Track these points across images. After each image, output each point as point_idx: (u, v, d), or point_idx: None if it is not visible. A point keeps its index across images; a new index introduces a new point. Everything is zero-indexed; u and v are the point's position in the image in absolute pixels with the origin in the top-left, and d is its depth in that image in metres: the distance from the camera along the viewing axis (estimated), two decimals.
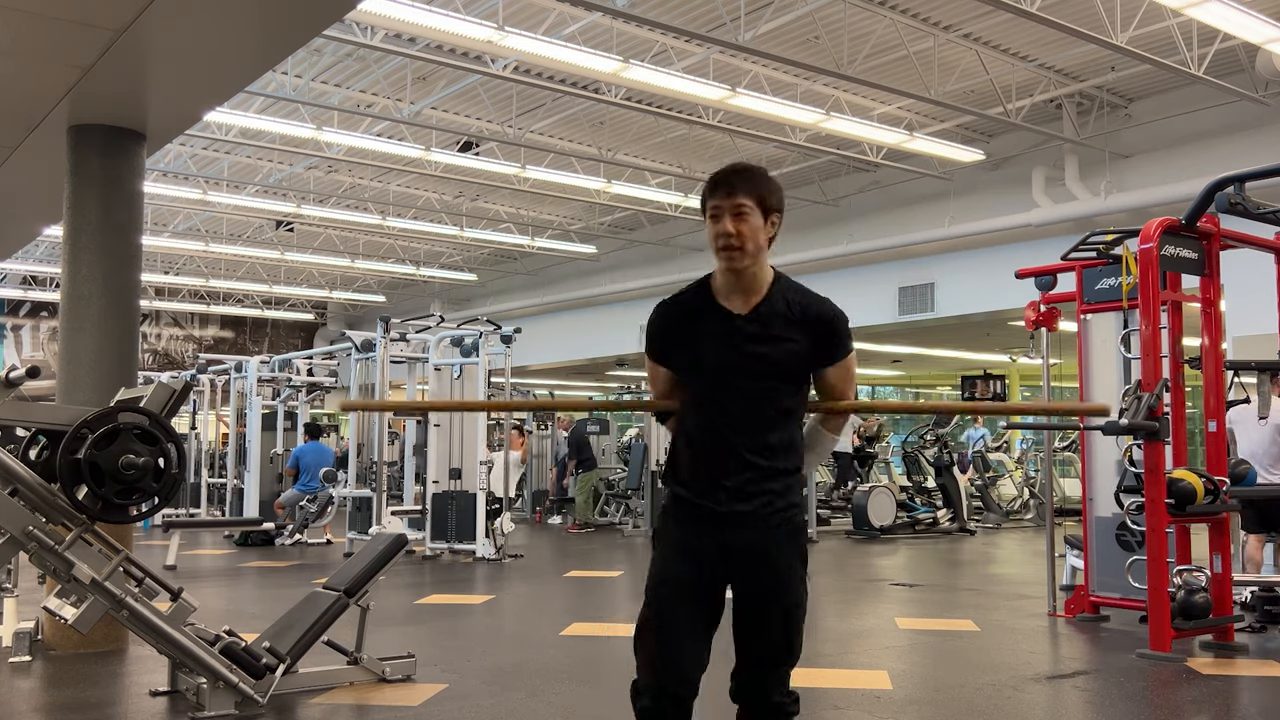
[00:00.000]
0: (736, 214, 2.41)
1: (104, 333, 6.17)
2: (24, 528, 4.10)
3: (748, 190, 2.42)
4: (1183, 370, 6.40)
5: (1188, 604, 5.80)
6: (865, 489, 13.63)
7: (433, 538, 10.84)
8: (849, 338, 2.53)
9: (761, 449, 2.45)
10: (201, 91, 6.15)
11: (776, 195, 2.48)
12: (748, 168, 2.48)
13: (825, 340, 2.49)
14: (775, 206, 2.47)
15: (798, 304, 2.48)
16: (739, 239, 2.41)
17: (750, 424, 2.45)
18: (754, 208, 2.42)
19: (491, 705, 4.57)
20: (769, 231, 2.46)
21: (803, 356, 2.47)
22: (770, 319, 2.46)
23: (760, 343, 2.45)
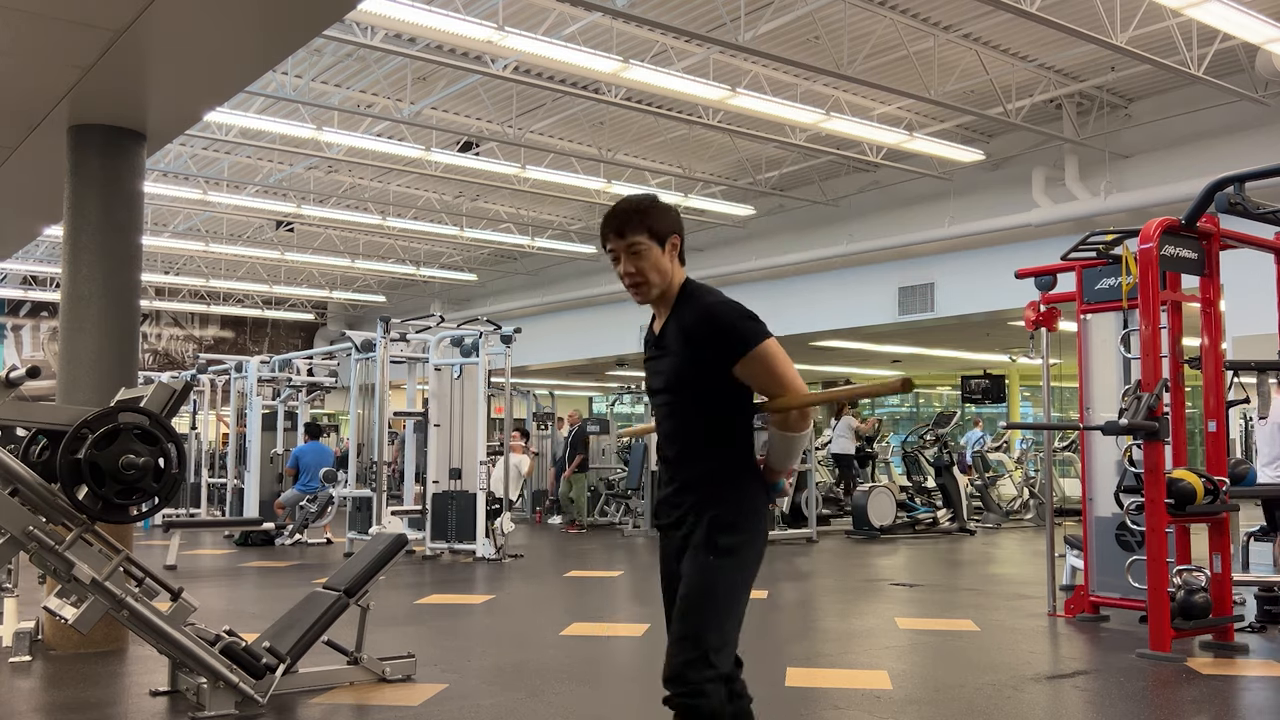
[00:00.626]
0: (631, 253, 2.51)
1: (104, 333, 6.17)
2: (24, 528, 4.10)
3: (635, 228, 2.50)
4: (1183, 370, 6.40)
5: (1188, 604, 5.80)
6: (865, 489, 13.63)
7: (433, 538, 10.85)
8: (742, 333, 2.46)
9: (684, 460, 2.56)
10: (201, 91, 6.15)
11: (667, 220, 2.54)
12: (631, 205, 2.53)
13: (714, 343, 2.47)
14: (669, 230, 2.54)
15: (687, 315, 2.52)
16: (639, 275, 2.52)
17: (674, 438, 2.59)
18: (647, 242, 2.50)
19: (491, 705, 4.57)
20: (671, 253, 2.54)
21: (700, 365, 2.49)
22: (669, 336, 2.56)
23: (664, 360, 2.58)
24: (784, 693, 4.74)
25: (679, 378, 2.53)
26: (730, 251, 18.76)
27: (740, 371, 2.48)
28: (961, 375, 24.55)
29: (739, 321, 2.47)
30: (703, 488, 2.53)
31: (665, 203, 2.58)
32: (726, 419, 2.55)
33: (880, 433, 16.83)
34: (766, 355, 2.46)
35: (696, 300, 2.53)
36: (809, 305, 17.43)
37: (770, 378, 2.49)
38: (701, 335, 2.48)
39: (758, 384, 2.52)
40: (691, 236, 19.47)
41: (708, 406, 2.53)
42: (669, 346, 2.56)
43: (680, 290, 2.57)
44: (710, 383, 2.51)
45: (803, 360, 24.93)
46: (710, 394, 2.52)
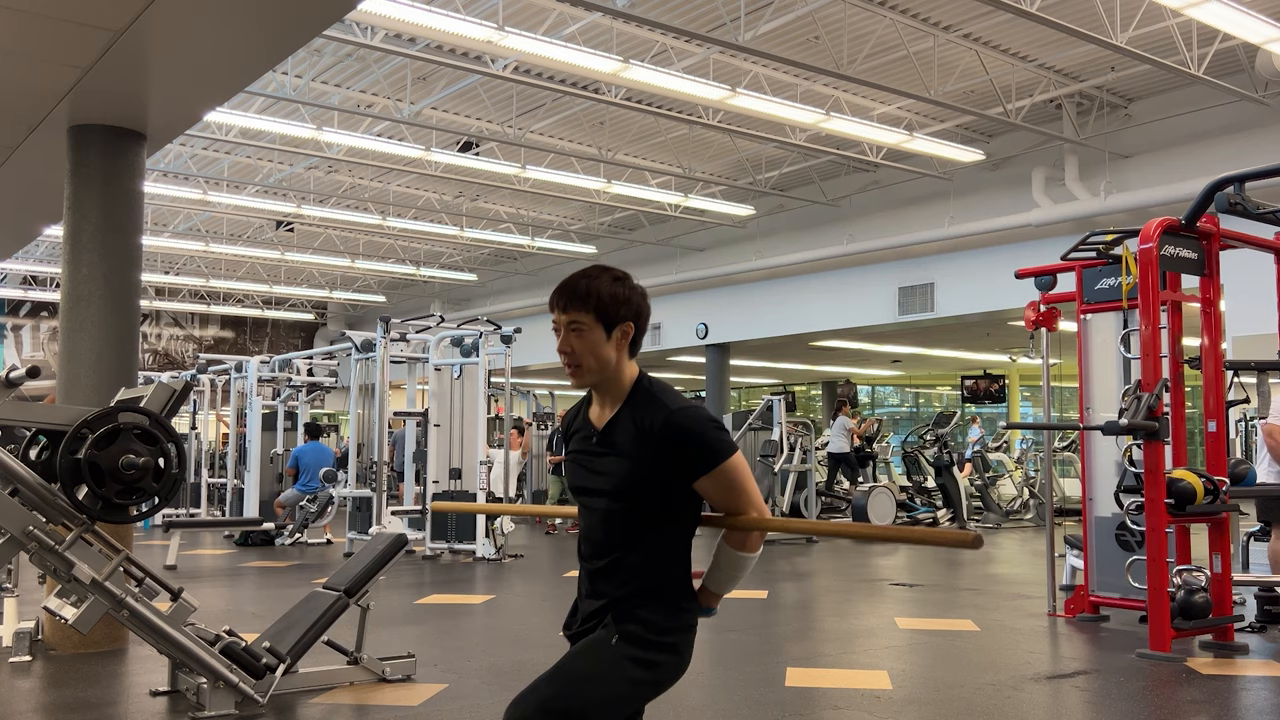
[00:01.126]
0: (571, 329, 2.24)
1: (104, 333, 6.17)
2: (24, 528, 4.10)
3: (581, 305, 2.22)
4: (1182, 370, 6.40)
5: (1187, 604, 5.80)
6: (865, 489, 13.63)
7: (433, 538, 10.84)
8: (713, 444, 2.21)
9: (615, 573, 2.27)
10: (201, 91, 6.15)
11: (624, 306, 2.24)
12: (583, 279, 2.26)
13: (681, 452, 2.20)
14: (622, 317, 2.24)
15: (645, 416, 2.23)
16: (574, 357, 2.25)
17: (607, 547, 2.29)
18: (591, 323, 2.22)
19: (491, 705, 4.57)
20: (619, 342, 2.25)
21: (655, 474, 2.22)
22: (620, 435, 2.26)
23: (608, 460, 2.28)
24: (784, 693, 4.74)
25: (630, 484, 2.24)
26: (730, 251, 18.76)
27: (704, 485, 2.23)
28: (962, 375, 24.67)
29: (711, 432, 2.22)
30: (631, 603, 2.24)
31: (631, 284, 2.27)
32: (670, 533, 2.28)
33: (880, 433, 16.83)
34: (736, 469, 2.23)
35: (660, 402, 2.24)
36: (809, 305, 17.43)
37: (735, 493, 2.25)
38: (667, 443, 2.20)
39: (720, 499, 2.27)
40: (691, 236, 19.50)
41: (654, 518, 2.26)
42: (619, 446, 2.26)
43: (635, 386, 2.29)
44: (664, 494, 2.24)
45: (803, 360, 24.97)
46: (661, 506, 2.26)
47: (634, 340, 2.28)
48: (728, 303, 18.86)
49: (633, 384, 2.29)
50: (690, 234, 19.53)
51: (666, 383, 2.33)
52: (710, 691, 4.84)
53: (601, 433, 2.30)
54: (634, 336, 2.28)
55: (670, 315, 20.11)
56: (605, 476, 2.29)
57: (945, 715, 4.45)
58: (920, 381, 31.15)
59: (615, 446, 2.27)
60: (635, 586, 2.25)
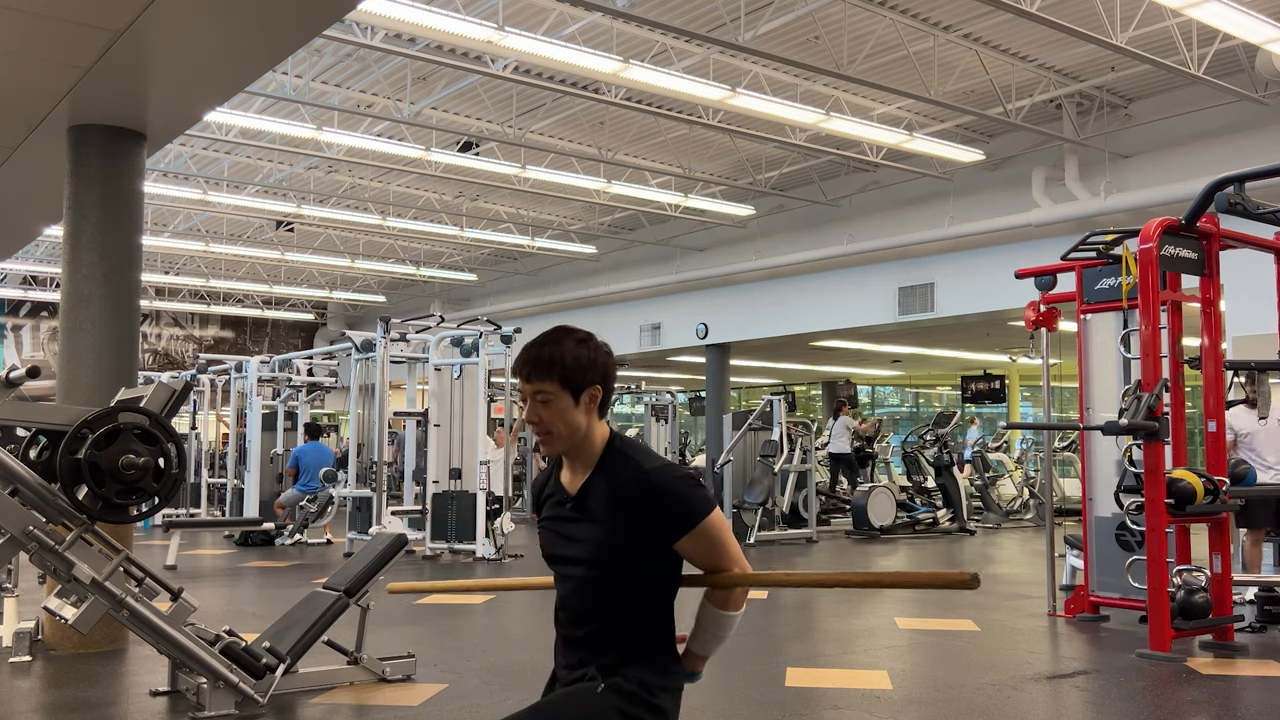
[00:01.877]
0: (538, 400, 2.20)
1: (104, 333, 6.17)
2: (24, 528, 4.10)
3: (544, 374, 2.18)
4: (1182, 370, 6.40)
5: (1187, 604, 5.80)
6: (865, 489, 13.63)
7: (433, 538, 10.84)
8: (692, 503, 2.15)
9: (595, 642, 2.23)
10: (201, 91, 6.15)
11: (589, 370, 2.20)
12: (545, 346, 2.22)
13: (656, 513, 2.15)
14: (589, 382, 2.20)
15: (619, 479, 2.19)
16: (543, 425, 2.20)
17: (585, 617, 2.24)
18: (557, 391, 2.18)
19: (491, 705, 4.57)
20: (588, 406, 2.20)
21: (633, 538, 2.17)
22: (594, 499, 2.22)
23: (582, 526, 2.23)
24: (784, 693, 4.74)
25: (607, 550, 2.19)
26: (730, 251, 18.76)
27: (684, 545, 2.18)
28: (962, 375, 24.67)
29: (689, 490, 2.17)
30: (613, 670, 2.18)
31: (594, 344, 2.23)
32: (651, 597, 2.23)
33: (880, 433, 16.83)
34: (715, 527, 2.18)
35: (631, 464, 2.19)
36: (809, 305, 17.43)
37: (717, 552, 2.20)
38: (643, 505, 2.15)
39: (700, 558, 2.22)
40: (691, 236, 19.49)
41: (634, 584, 2.21)
42: (593, 512, 2.21)
43: (607, 448, 2.24)
44: (643, 558, 2.19)
45: (803, 360, 24.96)
46: (640, 570, 2.20)
47: (603, 402, 2.24)
48: (728, 303, 18.86)
49: (604, 446, 2.24)
50: (690, 234, 19.53)
51: (638, 441, 2.29)
52: (710, 691, 4.84)
53: (575, 498, 2.25)
54: (602, 398, 2.23)
55: (670, 315, 20.10)
56: (581, 544, 2.23)
57: (945, 715, 4.45)
58: (920, 381, 31.15)
59: (589, 512, 2.22)
60: (619, 651, 2.20)
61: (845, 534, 13.49)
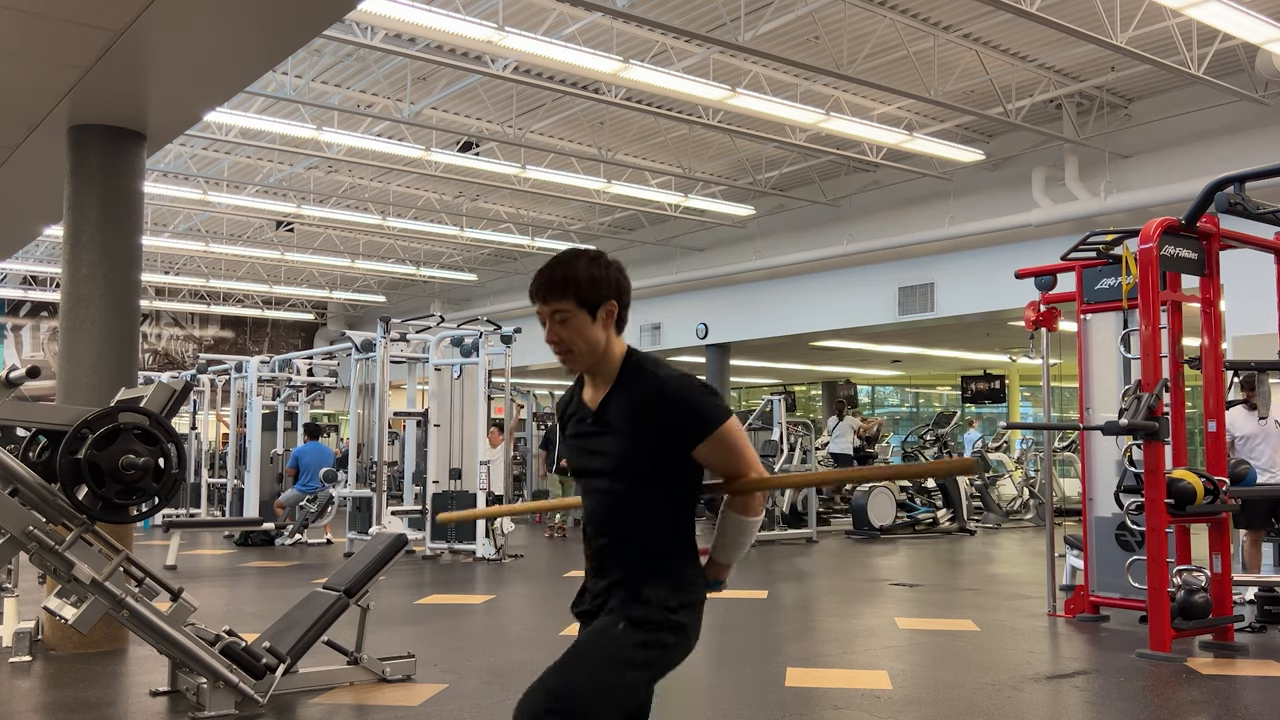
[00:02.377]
0: (556, 319, 2.26)
1: (104, 333, 6.17)
2: (24, 528, 4.10)
3: (560, 294, 2.25)
4: (1182, 370, 6.40)
5: (1188, 604, 5.80)
6: (865, 489, 13.63)
7: (433, 538, 10.84)
8: (706, 410, 2.22)
9: (619, 551, 2.29)
10: (201, 91, 6.15)
11: (603, 286, 2.26)
12: (559, 267, 2.26)
13: (674, 422, 2.22)
14: (604, 297, 2.26)
15: (636, 390, 2.26)
16: (564, 344, 2.27)
17: (610, 527, 2.31)
18: (574, 309, 2.24)
19: (491, 705, 4.57)
20: (605, 322, 2.27)
21: (651, 447, 2.23)
22: (613, 412, 2.28)
23: (604, 439, 2.30)
24: (784, 693, 4.74)
25: (628, 460, 2.26)
26: (730, 251, 18.76)
27: (702, 452, 2.25)
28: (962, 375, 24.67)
29: (703, 398, 2.23)
30: (636, 580, 2.25)
31: (606, 262, 2.28)
32: (673, 506, 2.30)
33: (880, 433, 16.84)
34: (732, 434, 2.24)
35: (648, 375, 2.26)
36: (809, 305, 17.43)
37: (733, 457, 2.27)
38: (660, 414, 2.22)
39: (718, 464, 2.29)
40: (691, 236, 19.49)
41: (655, 493, 2.27)
42: (613, 424, 2.27)
43: (625, 362, 2.30)
44: (663, 466, 2.26)
45: (803, 360, 24.96)
46: (660, 479, 2.27)
47: (619, 317, 2.31)
48: (728, 303, 18.86)
49: (622, 361, 2.31)
50: (690, 234, 19.53)
51: (657, 355, 2.36)
52: (710, 691, 4.84)
53: (596, 413, 2.32)
54: (619, 313, 2.30)
55: (670, 315, 20.10)
56: (603, 456, 2.30)
57: (945, 715, 4.45)
58: (920, 381, 31.15)
59: (610, 425, 2.29)
60: (640, 563, 2.27)
61: (845, 534, 13.49)
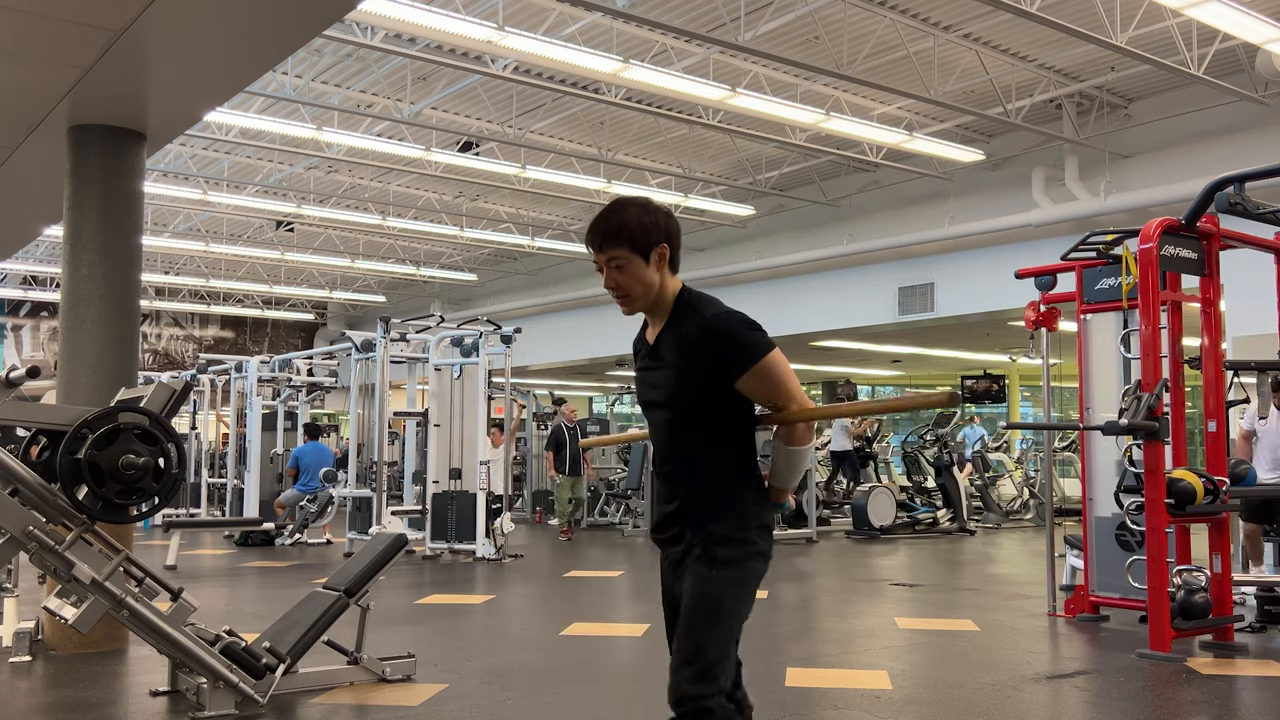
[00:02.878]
0: (613, 266, 2.40)
1: (104, 333, 6.17)
2: (24, 528, 4.10)
3: (614, 242, 2.39)
4: (1182, 370, 6.40)
5: (1187, 604, 5.80)
6: (865, 489, 13.63)
7: (433, 538, 10.84)
8: (748, 344, 2.37)
9: (684, 477, 2.47)
10: (201, 91, 6.15)
11: (652, 231, 2.40)
12: (611, 216, 2.40)
13: (718, 356, 2.37)
14: (655, 242, 2.40)
15: (685, 326, 2.41)
16: (622, 289, 2.42)
17: (671, 454, 2.49)
18: (628, 255, 2.38)
19: (491, 705, 4.57)
20: (659, 264, 2.42)
21: (702, 379, 2.39)
22: (665, 347, 2.45)
23: (659, 373, 2.47)
24: (784, 693, 4.74)
25: (678, 392, 2.42)
26: (730, 251, 18.76)
27: (745, 384, 2.39)
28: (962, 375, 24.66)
29: (744, 332, 2.38)
30: (704, 504, 2.43)
31: (654, 208, 2.43)
32: (727, 433, 2.45)
33: (880, 433, 16.83)
34: (773, 366, 2.38)
35: (696, 311, 2.41)
36: (809, 305, 17.43)
37: (776, 390, 2.41)
38: (703, 348, 2.37)
39: (762, 396, 2.43)
40: (691, 236, 19.48)
41: (708, 422, 2.43)
42: (665, 359, 2.44)
43: (677, 300, 2.45)
44: (711, 397, 2.40)
45: (803, 360, 24.93)
46: (711, 409, 2.42)
47: (672, 258, 2.46)
48: (728, 302, 18.76)
49: (675, 299, 2.46)
50: (690, 234, 19.52)
51: (707, 294, 2.49)
52: None
53: (651, 348, 2.50)
54: (671, 255, 2.45)
55: None
56: (659, 389, 2.48)
57: (945, 715, 4.45)
58: (920, 381, 31.14)
59: (663, 360, 2.46)
60: (704, 491, 2.43)
61: (845, 534, 13.49)
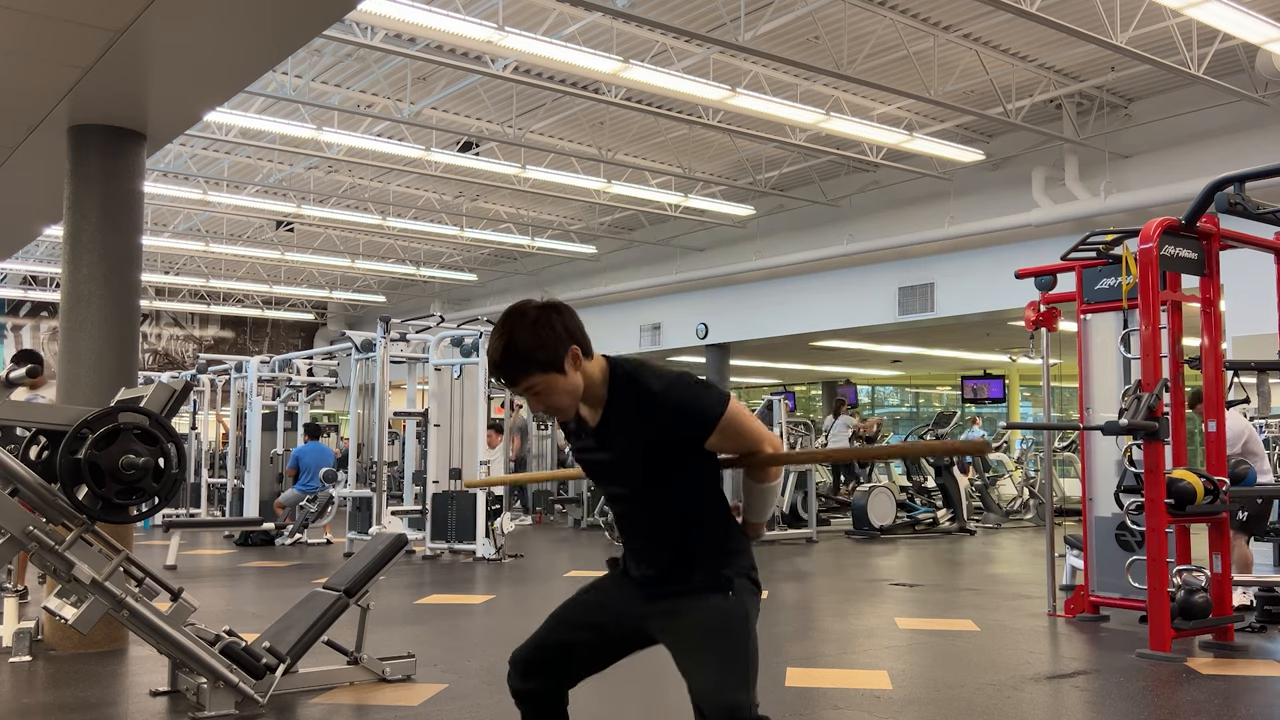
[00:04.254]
0: (532, 395, 2.29)
1: (104, 333, 6.17)
2: (24, 528, 4.10)
3: (523, 373, 2.25)
4: (1182, 370, 6.40)
5: (1187, 604, 5.80)
6: (865, 489, 13.63)
7: (433, 538, 10.84)
8: (707, 406, 2.29)
9: (662, 547, 2.42)
10: (201, 91, 6.15)
11: (556, 342, 2.24)
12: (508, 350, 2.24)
13: (677, 427, 2.29)
14: (562, 351, 2.25)
15: (632, 406, 2.31)
16: (550, 409, 2.32)
17: (644, 531, 2.45)
18: (542, 377, 2.25)
19: (491, 705, 4.57)
20: (574, 365, 2.27)
21: (664, 455, 2.32)
22: (614, 430, 2.35)
23: (612, 455, 2.39)
24: (784, 693, 4.74)
25: (644, 471, 2.36)
26: (730, 251, 18.76)
27: (713, 442, 2.33)
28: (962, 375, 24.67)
29: (698, 396, 2.29)
30: (688, 565, 2.38)
31: (544, 316, 2.25)
32: (700, 494, 2.40)
33: (880, 433, 16.83)
34: (736, 418, 2.31)
35: (640, 387, 2.30)
36: (809, 305, 17.43)
37: (743, 438, 2.35)
38: (663, 425, 2.28)
39: (731, 448, 2.38)
40: (691, 236, 19.49)
41: (680, 490, 2.37)
42: (617, 443, 2.36)
43: (611, 380, 2.33)
44: (680, 466, 2.35)
45: (803, 360, 24.96)
46: (681, 477, 2.36)
47: (585, 350, 2.31)
48: (728, 303, 18.86)
49: (608, 379, 2.34)
50: (690, 234, 19.52)
51: (638, 360, 2.38)
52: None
53: (597, 431, 2.38)
54: (583, 348, 2.30)
55: (670, 315, 20.10)
56: (617, 470, 2.40)
57: (945, 715, 4.45)
58: (920, 381, 31.14)
59: (615, 442, 2.35)
60: (682, 552, 2.38)
61: (845, 534, 13.49)
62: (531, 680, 2.51)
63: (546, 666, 2.52)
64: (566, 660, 2.53)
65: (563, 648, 2.52)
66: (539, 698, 2.53)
